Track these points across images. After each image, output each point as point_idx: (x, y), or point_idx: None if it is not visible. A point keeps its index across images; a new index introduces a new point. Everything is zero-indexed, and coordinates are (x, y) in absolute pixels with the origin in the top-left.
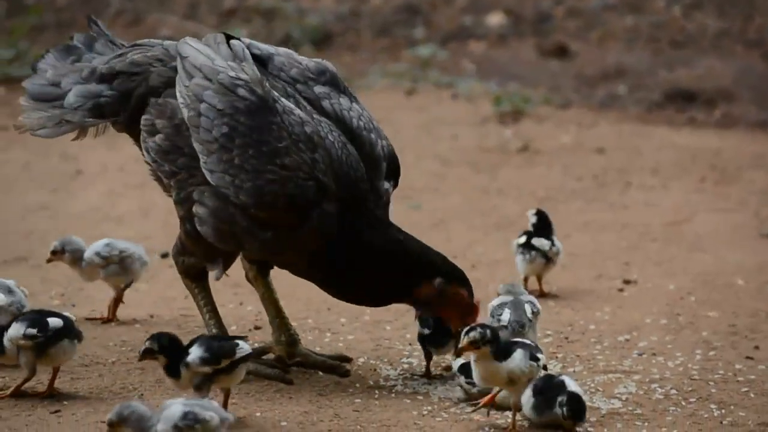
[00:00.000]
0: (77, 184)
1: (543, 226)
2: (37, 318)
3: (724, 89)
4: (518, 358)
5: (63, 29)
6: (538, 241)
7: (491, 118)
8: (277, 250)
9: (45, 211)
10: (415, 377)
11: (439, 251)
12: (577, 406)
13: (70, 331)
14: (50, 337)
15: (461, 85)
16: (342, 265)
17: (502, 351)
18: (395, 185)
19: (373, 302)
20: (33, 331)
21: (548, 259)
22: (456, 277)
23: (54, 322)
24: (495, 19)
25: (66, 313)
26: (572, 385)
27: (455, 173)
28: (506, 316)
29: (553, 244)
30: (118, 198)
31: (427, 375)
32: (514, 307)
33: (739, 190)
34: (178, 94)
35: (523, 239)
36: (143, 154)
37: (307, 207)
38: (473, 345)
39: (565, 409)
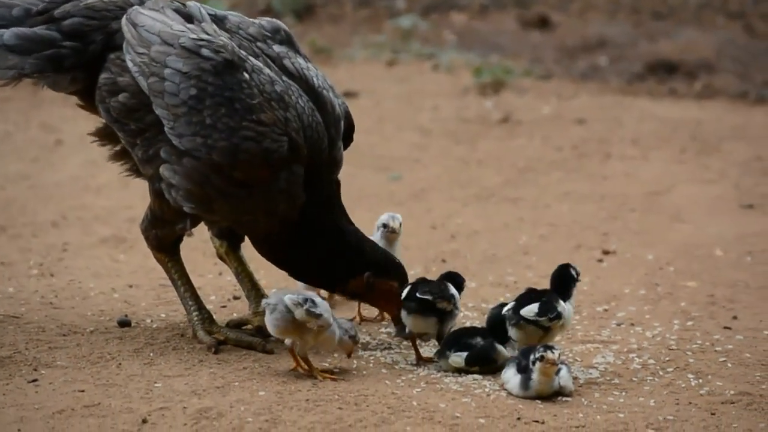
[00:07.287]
0: (57, 155)
1: None
2: None
3: (706, 61)
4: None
5: None
6: None
7: (472, 90)
8: (247, 211)
9: (25, 181)
10: (393, 347)
11: (377, 245)
12: None
13: None
14: None
15: (442, 57)
16: (303, 237)
17: None
18: (350, 142)
19: (319, 283)
20: None
21: None
22: (386, 271)
23: None
24: None
25: None
26: None
27: (436, 144)
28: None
29: None
30: (98, 168)
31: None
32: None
33: (720, 161)
34: (129, 63)
35: None
36: (101, 115)
37: (281, 163)
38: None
39: None
